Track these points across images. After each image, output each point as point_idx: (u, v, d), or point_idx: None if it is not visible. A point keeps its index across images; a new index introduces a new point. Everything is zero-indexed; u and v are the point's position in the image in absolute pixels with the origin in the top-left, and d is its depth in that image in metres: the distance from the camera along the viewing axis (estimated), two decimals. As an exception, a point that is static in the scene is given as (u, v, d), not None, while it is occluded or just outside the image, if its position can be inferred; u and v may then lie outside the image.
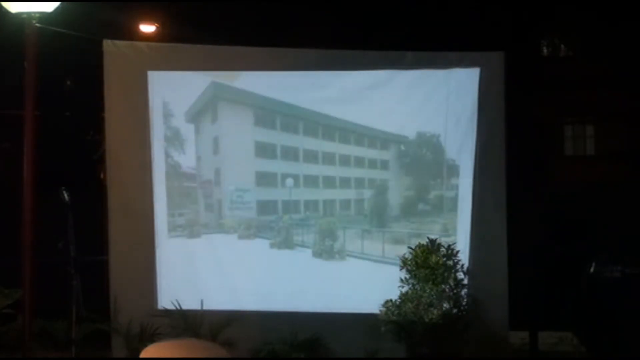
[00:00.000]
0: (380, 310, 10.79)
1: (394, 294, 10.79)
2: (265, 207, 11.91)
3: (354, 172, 11.82)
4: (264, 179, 11.88)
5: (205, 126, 12.03)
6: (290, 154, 11.84)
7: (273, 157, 11.88)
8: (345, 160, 11.80)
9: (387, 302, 10.77)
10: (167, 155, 11.98)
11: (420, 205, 11.69)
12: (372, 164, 11.78)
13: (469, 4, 17.89)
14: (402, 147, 11.76)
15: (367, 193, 11.80)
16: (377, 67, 11.83)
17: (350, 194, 11.81)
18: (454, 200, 11.66)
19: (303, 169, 11.84)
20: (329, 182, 11.84)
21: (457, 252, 10.94)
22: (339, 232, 11.80)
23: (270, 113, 11.96)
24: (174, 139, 12.01)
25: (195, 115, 12.01)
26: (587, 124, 26.64)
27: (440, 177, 11.71)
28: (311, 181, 11.84)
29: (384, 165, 11.78)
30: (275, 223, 11.87)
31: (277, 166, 11.87)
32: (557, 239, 17.18)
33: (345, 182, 11.80)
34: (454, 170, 11.68)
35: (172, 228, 11.96)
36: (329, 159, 11.82)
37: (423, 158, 11.75)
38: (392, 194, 11.72)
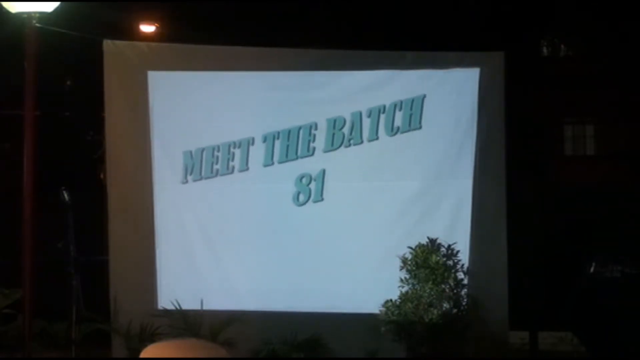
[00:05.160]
0: (380, 310, 10.79)
1: (394, 294, 10.80)
2: (267, 204, 11.90)
3: (354, 172, 11.80)
4: (266, 177, 11.87)
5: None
6: (289, 144, 11.82)
7: (275, 155, 11.86)
8: (345, 160, 11.78)
9: (387, 302, 10.77)
10: (168, 155, 11.95)
11: (420, 205, 11.67)
12: (372, 163, 11.76)
13: (469, 4, 17.92)
14: (402, 147, 11.73)
15: (367, 192, 11.77)
16: (377, 67, 11.81)
17: (351, 193, 11.79)
18: (454, 200, 11.64)
19: (304, 169, 11.81)
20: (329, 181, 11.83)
21: (457, 252, 10.94)
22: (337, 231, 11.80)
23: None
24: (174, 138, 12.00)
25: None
26: (587, 124, 26.67)
27: (440, 177, 11.69)
28: (311, 179, 11.82)
29: (384, 164, 11.75)
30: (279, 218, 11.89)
31: (278, 164, 11.85)
32: (557, 239, 17.21)
33: (345, 182, 11.78)
34: (453, 170, 11.66)
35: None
36: (329, 159, 11.80)
37: (422, 158, 11.73)
38: (392, 194, 11.70)
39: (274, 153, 11.78)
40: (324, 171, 11.74)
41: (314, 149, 11.76)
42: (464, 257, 11.10)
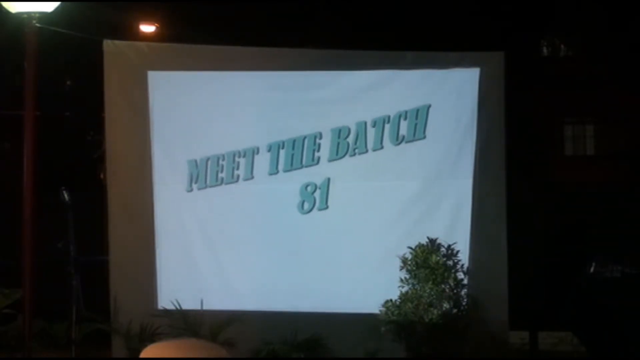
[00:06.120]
0: (380, 310, 10.79)
1: (394, 294, 10.80)
2: (270, 206, 11.91)
3: (356, 174, 11.79)
4: (271, 183, 11.88)
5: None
6: (294, 153, 11.82)
7: (280, 164, 11.86)
8: (350, 167, 11.77)
9: (387, 302, 10.77)
10: (168, 156, 11.95)
11: (420, 205, 11.67)
12: (372, 163, 11.76)
13: (469, 4, 17.92)
14: (402, 147, 11.74)
15: (367, 193, 11.78)
16: (377, 67, 11.81)
17: (352, 193, 11.79)
18: (454, 200, 11.63)
19: (309, 178, 11.81)
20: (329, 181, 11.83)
21: (457, 252, 10.94)
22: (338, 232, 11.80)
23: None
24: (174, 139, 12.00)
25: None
26: (587, 124, 26.69)
27: (440, 177, 11.69)
28: (312, 180, 11.82)
29: (384, 165, 11.75)
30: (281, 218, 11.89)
31: (283, 173, 11.84)
32: (556, 239, 17.21)
33: (347, 182, 11.79)
34: (453, 170, 11.66)
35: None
36: (333, 167, 11.80)
37: (423, 158, 11.73)
38: (392, 194, 11.70)
39: (278, 162, 11.78)
40: (328, 180, 11.75)
41: (319, 158, 11.76)
42: (464, 257, 11.10)
